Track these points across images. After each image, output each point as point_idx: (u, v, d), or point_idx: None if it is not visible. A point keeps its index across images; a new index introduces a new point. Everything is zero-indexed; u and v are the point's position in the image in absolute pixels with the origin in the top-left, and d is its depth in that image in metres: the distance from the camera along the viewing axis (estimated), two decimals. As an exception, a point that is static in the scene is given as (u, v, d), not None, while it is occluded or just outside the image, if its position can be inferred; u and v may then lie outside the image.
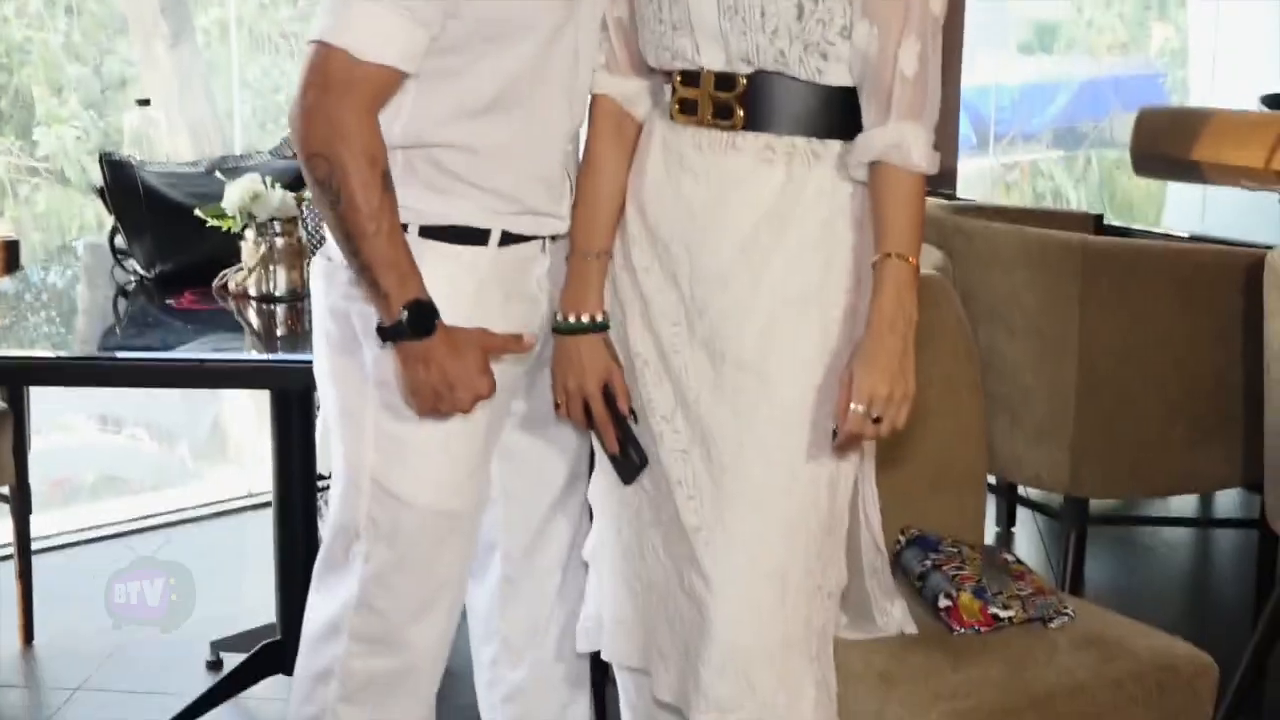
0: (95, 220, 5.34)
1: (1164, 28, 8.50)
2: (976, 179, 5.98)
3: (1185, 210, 4.52)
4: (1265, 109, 5.24)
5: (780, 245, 2.08)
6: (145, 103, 3.85)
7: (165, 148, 4.75)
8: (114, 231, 3.25)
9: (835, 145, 2.08)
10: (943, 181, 4.40)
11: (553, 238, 2.22)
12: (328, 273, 2.18)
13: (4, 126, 5.49)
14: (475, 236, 2.13)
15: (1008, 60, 7.91)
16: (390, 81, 2.02)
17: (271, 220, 3.04)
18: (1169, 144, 4.46)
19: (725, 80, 2.09)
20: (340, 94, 1.97)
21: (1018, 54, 8.16)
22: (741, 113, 2.09)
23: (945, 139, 4.33)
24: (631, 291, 2.20)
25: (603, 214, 2.21)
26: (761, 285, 2.08)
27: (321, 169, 1.99)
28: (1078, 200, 5.07)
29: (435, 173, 2.10)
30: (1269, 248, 2.97)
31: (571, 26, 2.12)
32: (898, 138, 2.01)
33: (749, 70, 2.08)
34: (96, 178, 3.25)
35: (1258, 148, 4.25)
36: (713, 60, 2.09)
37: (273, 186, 3.08)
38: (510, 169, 2.13)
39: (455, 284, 2.11)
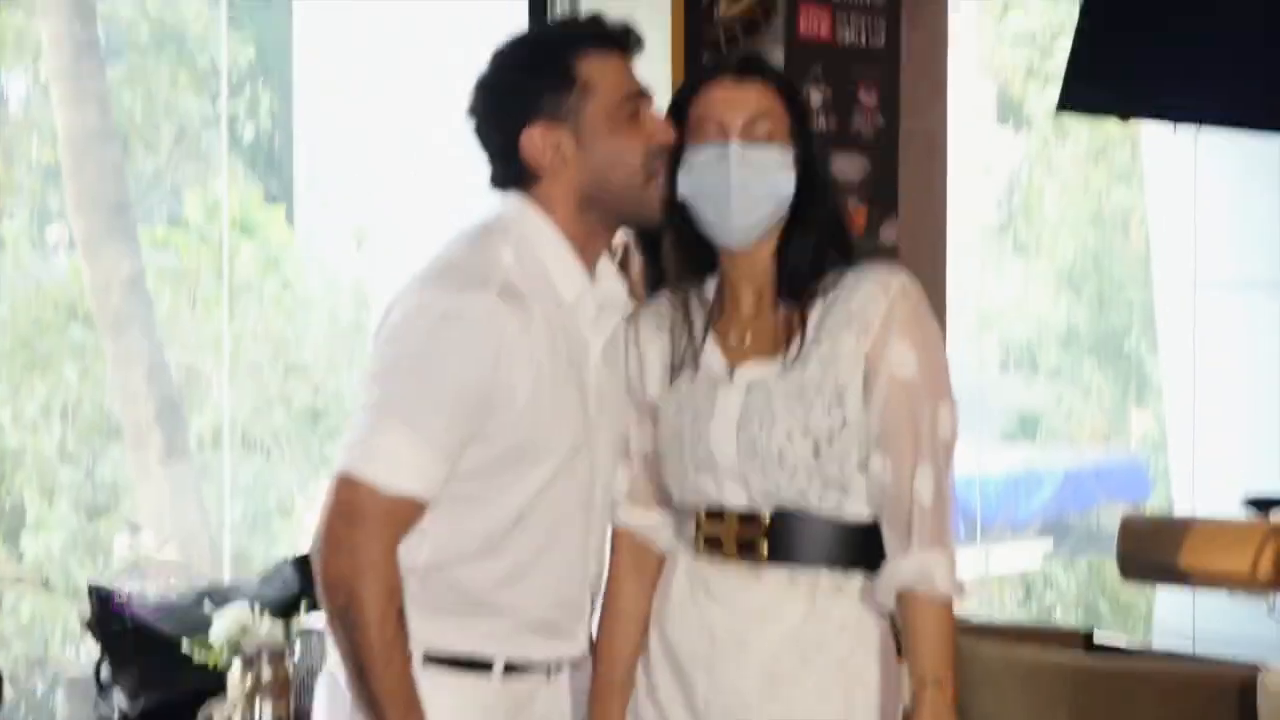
0: (79, 628, 5.32)
1: (1143, 416, 8.72)
2: (966, 572, 6.00)
3: (1176, 609, 4.54)
4: (1248, 511, 5.32)
5: (802, 678, 2.12)
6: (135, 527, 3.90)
7: (154, 561, 4.81)
8: (100, 663, 3.25)
9: (858, 578, 2.14)
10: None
11: (558, 667, 2.23)
12: (331, 694, 2.20)
13: (-5, 535, 5.54)
14: (480, 666, 2.15)
15: (992, 449, 8.07)
16: (414, 512, 2.08)
17: (260, 652, 3.03)
18: (1154, 550, 4.52)
19: (748, 518, 2.17)
20: (365, 528, 2.04)
21: (1001, 442, 8.33)
22: (765, 547, 2.16)
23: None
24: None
25: (623, 645, 2.26)
26: (782, 717, 2.11)
27: (340, 599, 2.04)
28: (1069, 593, 5.09)
29: (452, 595, 2.14)
30: (1258, 667, 2.97)
31: (588, 448, 2.20)
32: (922, 567, 2.07)
33: (771, 507, 2.16)
34: (81, 583, 3.27)
35: (1242, 556, 4.30)
36: (735, 498, 2.17)
37: (262, 614, 3.09)
38: (531, 587, 2.17)
39: (459, 716, 2.12)
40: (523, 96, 2.20)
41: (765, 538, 2.15)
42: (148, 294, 5.42)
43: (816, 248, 2.21)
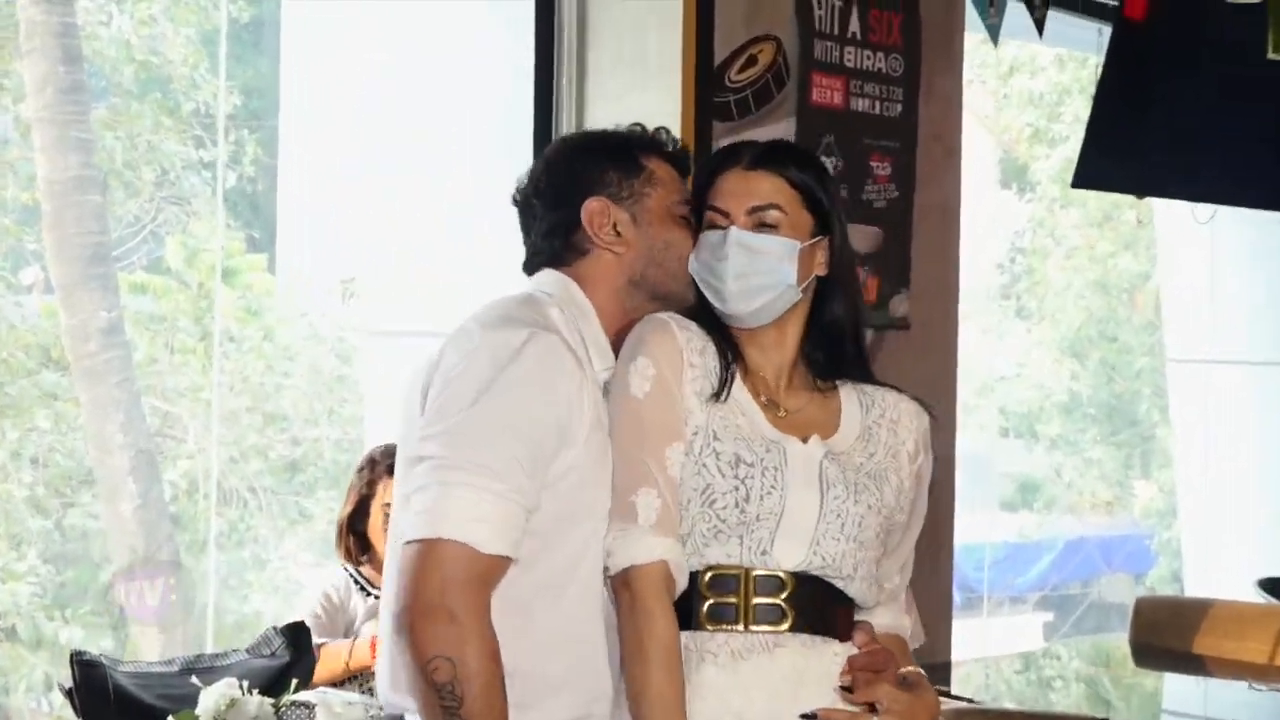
0: (44, 680, 5.30)
1: (1147, 487, 8.76)
2: (967, 644, 6.01)
3: (1186, 695, 4.54)
4: (1261, 593, 5.33)
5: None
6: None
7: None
8: (79, 734, 3.23)
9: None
10: (938, 650, 4.44)
11: None
12: None
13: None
14: None
15: (991, 517, 8.10)
16: (503, 573, 2.08)
17: (247, 728, 3.03)
18: (1169, 636, 4.51)
19: (776, 582, 2.21)
20: (464, 595, 2.02)
21: (999, 511, 8.36)
22: (790, 615, 2.21)
23: (937, 603, 4.42)
24: None
25: (679, 687, 2.18)
26: None
27: (443, 673, 2.01)
28: (1070, 668, 5.09)
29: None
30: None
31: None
32: (898, 620, 2.38)
33: (806, 574, 2.23)
34: (49, 635, 3.26)
35: (1260, 642, 4.30)
36: (790, 559, 2.22)
37: (249, 692, 3.08)
38: (564, 651, 2.16)
39: None
40: (593, 172, 2.31)
41: (791, 608, 2.20)
42: (125, 340, 5.42)
43: (842, 341, 2.36)
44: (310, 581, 5.45)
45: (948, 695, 4.11)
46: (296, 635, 3.39)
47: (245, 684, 3.10)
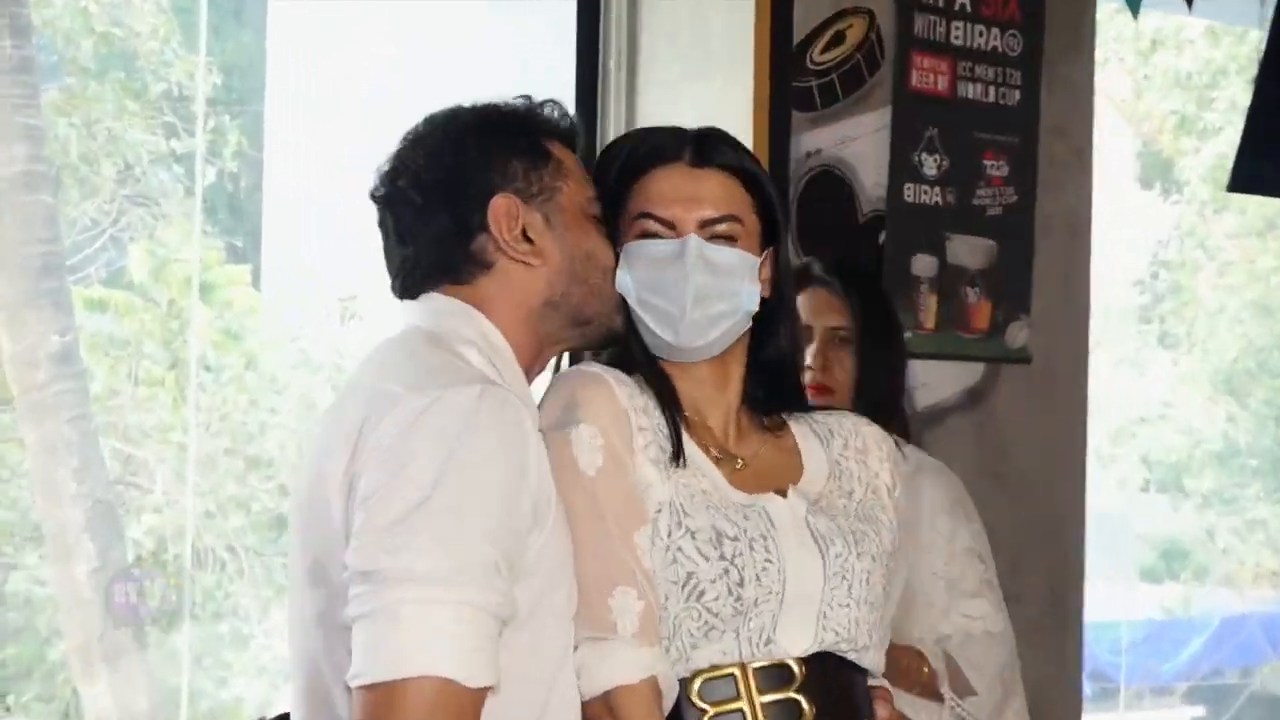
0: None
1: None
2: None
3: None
4: None
5: None
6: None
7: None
8: None
9: None
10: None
11: None
12: None
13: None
14: None
15: (1128, 590, 8.06)
16: (481, 709, 1.96)
17: None
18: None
19: (784, 672, 2.18)
20: None
21: (1139, 581, 8.32)
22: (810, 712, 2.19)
23: (1063, 694, 4.40)
24: None
25: None
26: None
27: None
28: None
29: None
30: None
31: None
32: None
33: (816, 654, 2.21)
34: None
35: None
36: (797, 643, 2.20)
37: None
38: None
39: None
40: (493, 159, 2.21)
41: (808, 699, 2.18)
42: (81, 369, 5.45)
43: (784, 374, 2.37)
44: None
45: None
46: (284, 731, 3.42)
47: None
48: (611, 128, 4.01)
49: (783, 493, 2.25)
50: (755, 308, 2.27)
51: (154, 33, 5.86)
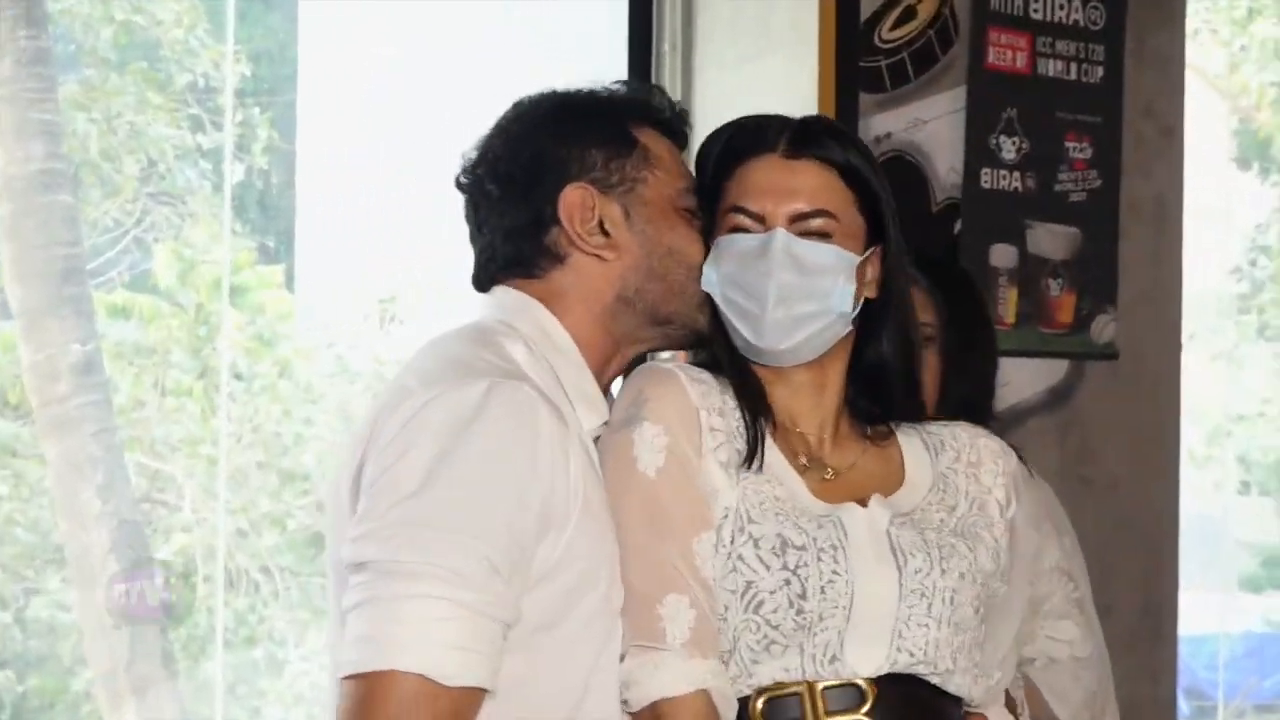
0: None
1: None
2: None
3: None
4: None
5: None
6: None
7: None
8: None
9: None
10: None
11: None
12: None
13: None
14: None
15: (1228, 600, 8.02)
16: (475, 712, 2.02)
17: None
18: None
19: (851, 693, 2.19)
20: None
21: (1240, 592, 8.27)
22: None
23: (1157, 713, 4.38)
24: None
25: None
26: None
27: None
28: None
29: None
30: None
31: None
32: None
33: (889, 675, 2.21)
34: None
35: None
36: (866, 663, 2.20)
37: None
38: None
39: None
40: (571, 148, 2.25)
41: None
42: (104, 380, 5.48)
43: (892, 381, 2.35)
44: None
45: None
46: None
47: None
48: (666, 114, 4.02)
49: (864, 503, 2.25)
50: (849, 309, 2.26)
51: (178, 20, 5.87)
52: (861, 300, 2.29)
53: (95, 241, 5.68)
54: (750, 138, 2.30)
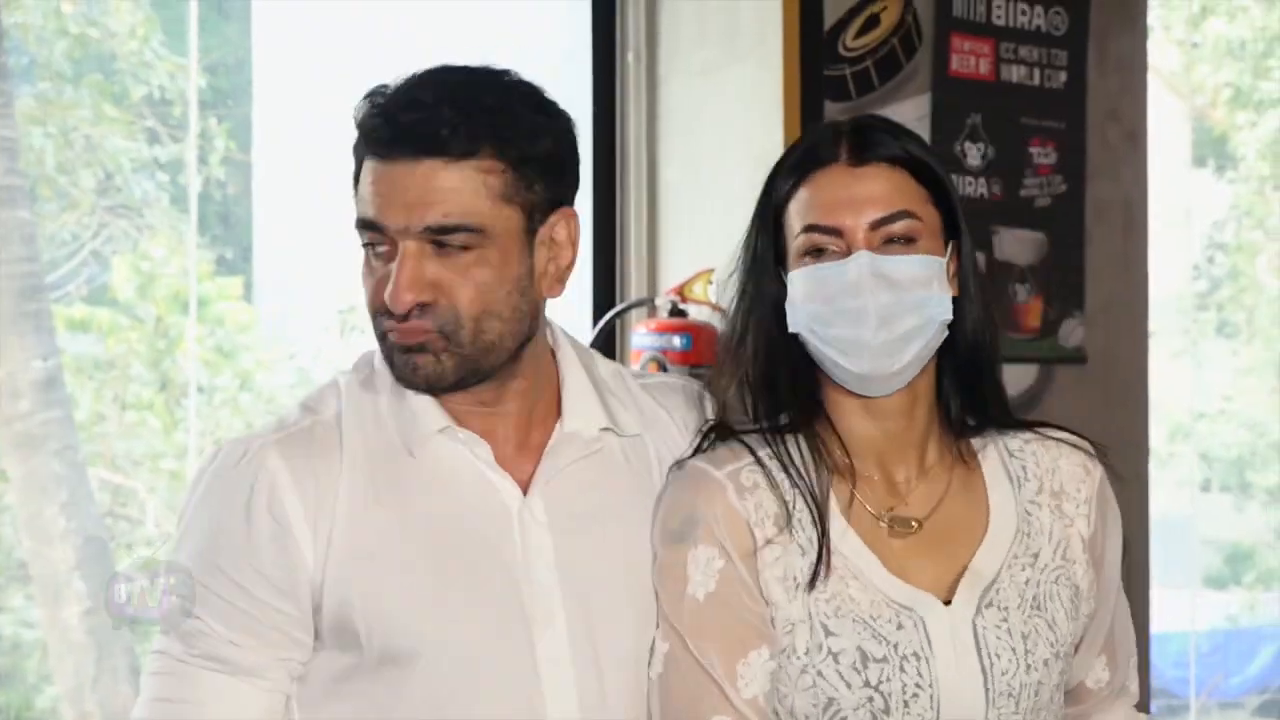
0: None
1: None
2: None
3: None
4: None
5: None
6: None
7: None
8: None
9: None
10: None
11: None
12: None
13: None
14: None
15: (1194, 598, 8.04)
16: None
17: None
18: None
19: None
20: None
21: (1205, 589, 8.30)
22: None
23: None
24: None
25: None
26: None
27: None
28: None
29: None
30: None
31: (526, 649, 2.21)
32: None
33: None
34: None
35: None
36: None
37: None
38: None
39: None
40: (575, 174, 2.25)
41: None
42: (65, 395, 5.44)
43: (981, 377, 2.26)
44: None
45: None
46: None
47: None
48: (631, 124, 4.00)
49: (947, 599, 2.16)
50: (949, 315, 2.16)
51: (132, 32, 5.83)
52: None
53: (52, 255, 5.64)
54: (806, 153, 2.20)
